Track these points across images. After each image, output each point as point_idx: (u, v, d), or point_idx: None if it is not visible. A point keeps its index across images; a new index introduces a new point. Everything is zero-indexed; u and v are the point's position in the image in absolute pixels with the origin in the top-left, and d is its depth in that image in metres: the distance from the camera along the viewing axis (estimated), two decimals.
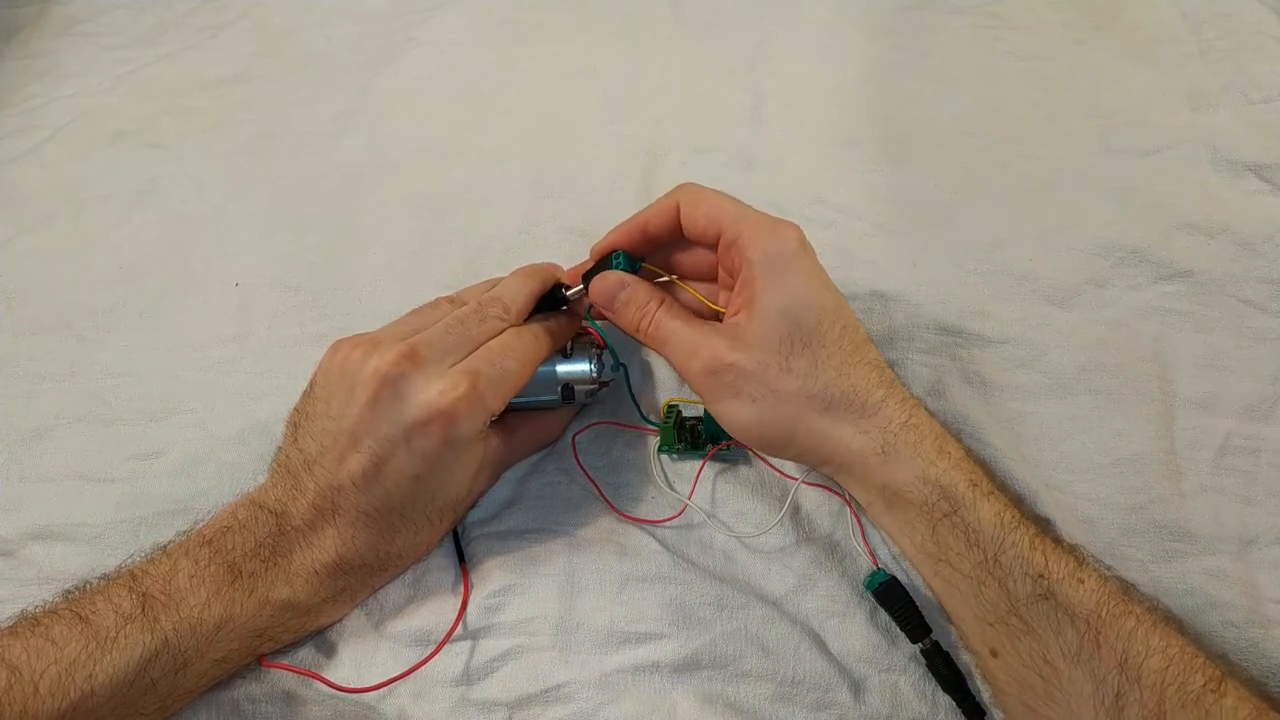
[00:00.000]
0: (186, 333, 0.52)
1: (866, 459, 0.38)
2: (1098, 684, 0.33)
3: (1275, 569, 0.41)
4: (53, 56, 0.69)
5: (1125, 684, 0.33)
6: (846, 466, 0.39)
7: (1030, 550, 0.35)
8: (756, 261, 0.38)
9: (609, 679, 0.39)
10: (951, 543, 0.37)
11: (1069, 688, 0.34)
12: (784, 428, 0.38)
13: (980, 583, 0.36)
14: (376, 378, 0.37)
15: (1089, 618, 0.34)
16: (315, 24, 0.71)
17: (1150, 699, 0.32)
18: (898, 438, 0.38)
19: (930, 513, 0.37)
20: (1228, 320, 0.50)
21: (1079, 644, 0.34)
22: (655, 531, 0.44)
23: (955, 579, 0.37)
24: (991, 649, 0.36)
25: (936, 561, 0.37)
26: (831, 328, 0.38)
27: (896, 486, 0.38)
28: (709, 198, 0.41)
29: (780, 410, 0.38)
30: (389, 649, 0.41)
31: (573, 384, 0.45)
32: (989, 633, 0.36)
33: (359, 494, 0.38)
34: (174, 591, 0.36)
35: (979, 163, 0.58)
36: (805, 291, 0.38)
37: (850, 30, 0.68)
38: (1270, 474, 0.44)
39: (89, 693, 0.33)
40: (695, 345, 0.39)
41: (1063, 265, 0.52)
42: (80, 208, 0.59)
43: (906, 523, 0.38)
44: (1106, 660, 0.33)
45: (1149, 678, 0.33)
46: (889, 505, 0.39)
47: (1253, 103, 0.60)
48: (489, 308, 0.41)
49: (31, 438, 0.48)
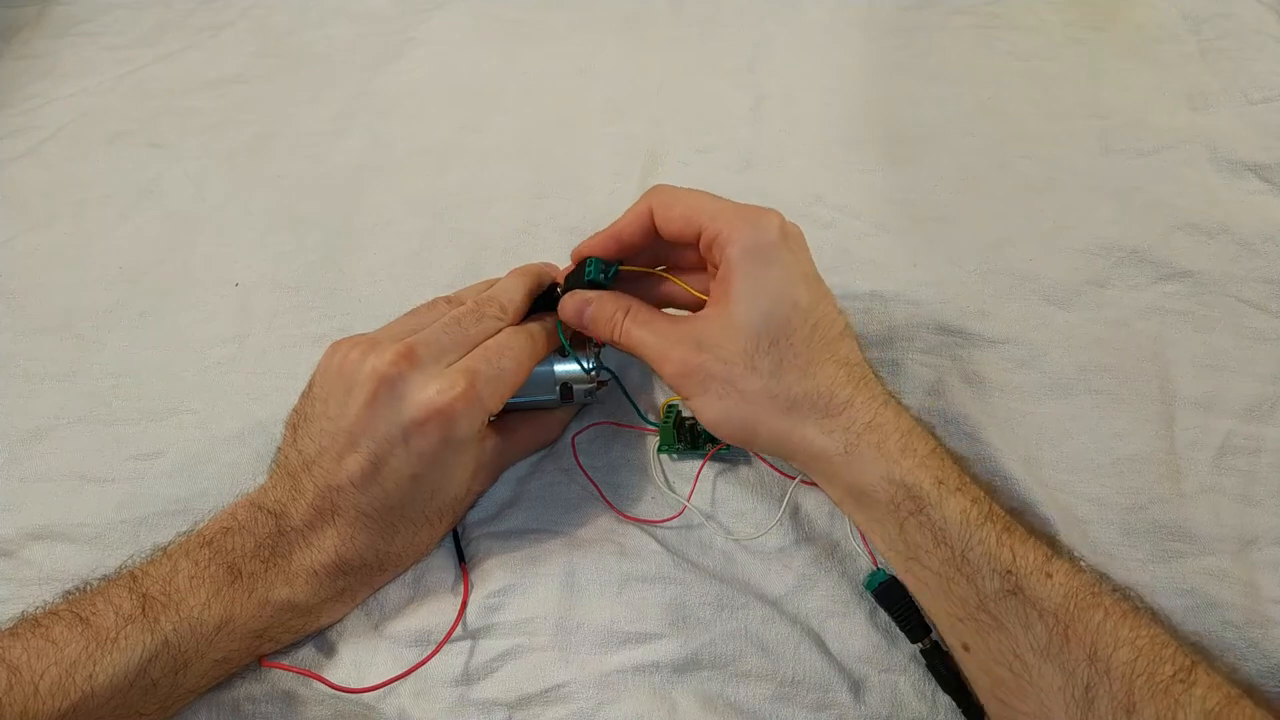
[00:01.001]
0: (187, 333, 0.52)
1: (831, 459, 0.38)
2: (1067, 677, 0.33)
3: (1275, 569, 0.42)
4: (53, 56, 0.69)
5: (1095, 676, 0.33)
6: (811, 465, 0.39)
7: (997, 546, 0.36)
8: (734, 257, 0.38)
9: (609, 679, 0.39)
10: (919, 540, 0.37)
11: (1039, 681, 0.34)
12: (748, 425, 0.39)
13: (949, 579, 0.36)
14: (374, 378, 0.37)
15: (1057, 611, 0.34)
16: (315, 24, 0.71)
17: (1120, 690, 0.32)
18: (861, 438, 0.38)
19: (896, 511, 0.37)
20: (1228, 320, 0.50)
21: (1047, 638, 0.34)
22: (655, 531, 0.44)
23: (925, 576, 0.37)
24: (964, 644, 0.36)
25: (906, 559, 0.38)
26: (802, 325, 0.38)
27: (862, 486, 0.38)
28: (682, 197, 0.40)
29: (744, 409, 0.38)
30: (389, 649, 0.41)
31: (571, 383, 0.45)
32: (960, 628, 0.36)
33: (358, 494, 0.38)
34: (174, 592, 0.36)
35: (979, 163, 0.58)
36: (779, 287, 0.38)
37: (850, 30, 0.68)
38: (1270, 474, 0.44)
39: (89, 693, 0.33)
40: (664, 350, 0.39)
41: (1063, 265, 0.52)
42: (80, 208, 0.59)
43: (875, 520, 0.38)
44: (1075, 653, 0.33)
45: (1118, 669, 0.33)
46: (857, 503, 0.39)
47: (1253, 102, 0.60)
48: (486, 307, 0.41)
49: (31, 438, 0.48)
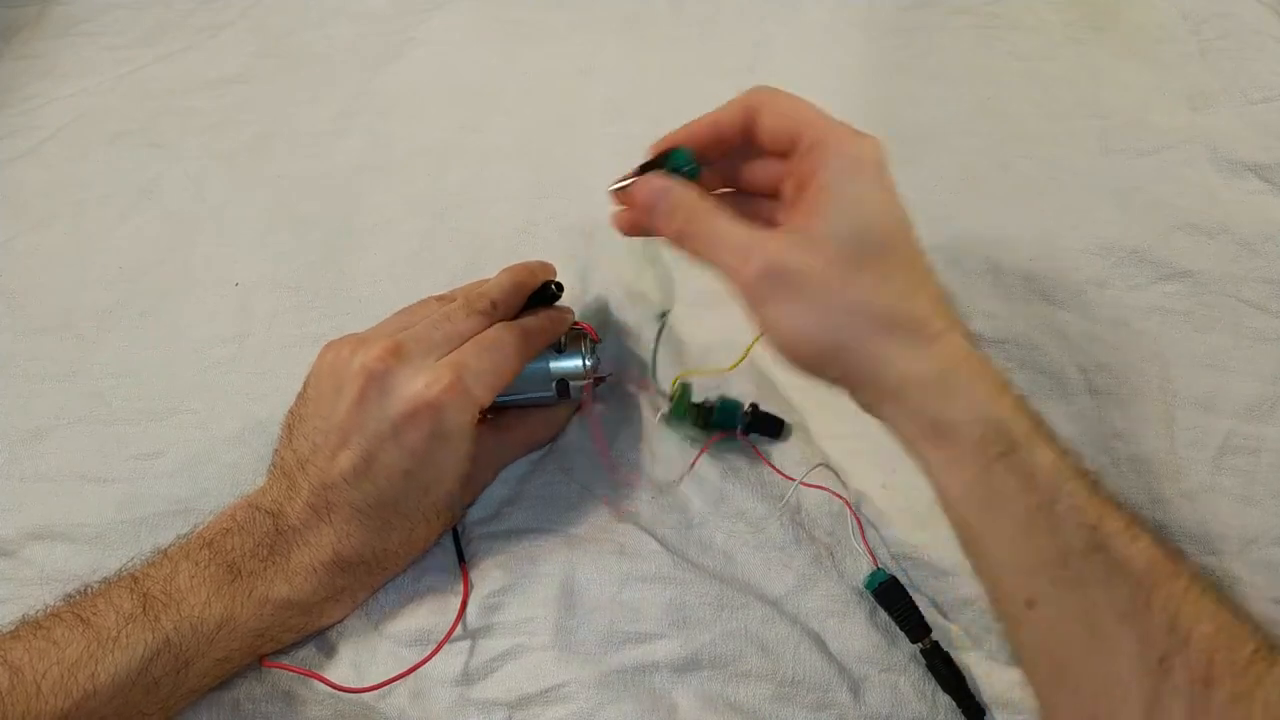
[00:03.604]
0: (187, 333, 0.52)
1: (922, 386, 0.35)
2: (1144, 644, 0.31)
3: (1275, 569, 0.42)
4: (53, 56, 0.69)
5: (1173, 646, 0.31)
6: (895, 393, 0.35)
7: (1087, 501, 0.33)
8: (835, 167, 0.35)
9: (609, 679, 0.39)
10: (1005, 485, 0.34)
11: (1112, 645, 0.32)
12: (835, 341, 0.35)
13: (1031, 528, 0.33)
14: (363, 374, 0.38)
15: (1141, 576, 0.32)
16: (315, 24, 0.71)
17: (1198, 664, 0.30)
18: (957, 370, 0.34)
19: (984, 452, 0.34)
20: (1228, 320, 0.50)
21: (1129, 601, 0.32)
22: (655, 531, 0.44)
23: (1002, 524, 0.34)
24: (1029, 599, 0.34)
25: (983, 504, 0.34)
26: (905, 246, 0.36)
27: (949, 420, 0.34)
28: (787, 99, 0.38)
29: (836, 321, 0.34)
30: (389, 649, 0.41)
31: (567, 379, 0.45)
32: (1030, 582, 0.34)
33: (351, 490, 0.38)
34: (174, 591, 0.36)
35: (979, 163, 0.58)
36: (881, 206, 0.36)
37: (850, 30, 0.68)
38: (1270, 474, 0.44)
39: (91, 692, 0.33)
40: (750, 246, 0.35)
41: (1063, 265, 0.52)
42: (80, 208, 0.59)
43: (954, 460, 0.35)
44: (1156, 620, 0.31)
45: (1198, 642, 0.31)
46: (937, 439, 0.35)
47: (1253, 102, 0.60)
48: (476, 303, 0.42)
49: (32, 438, 0.48)
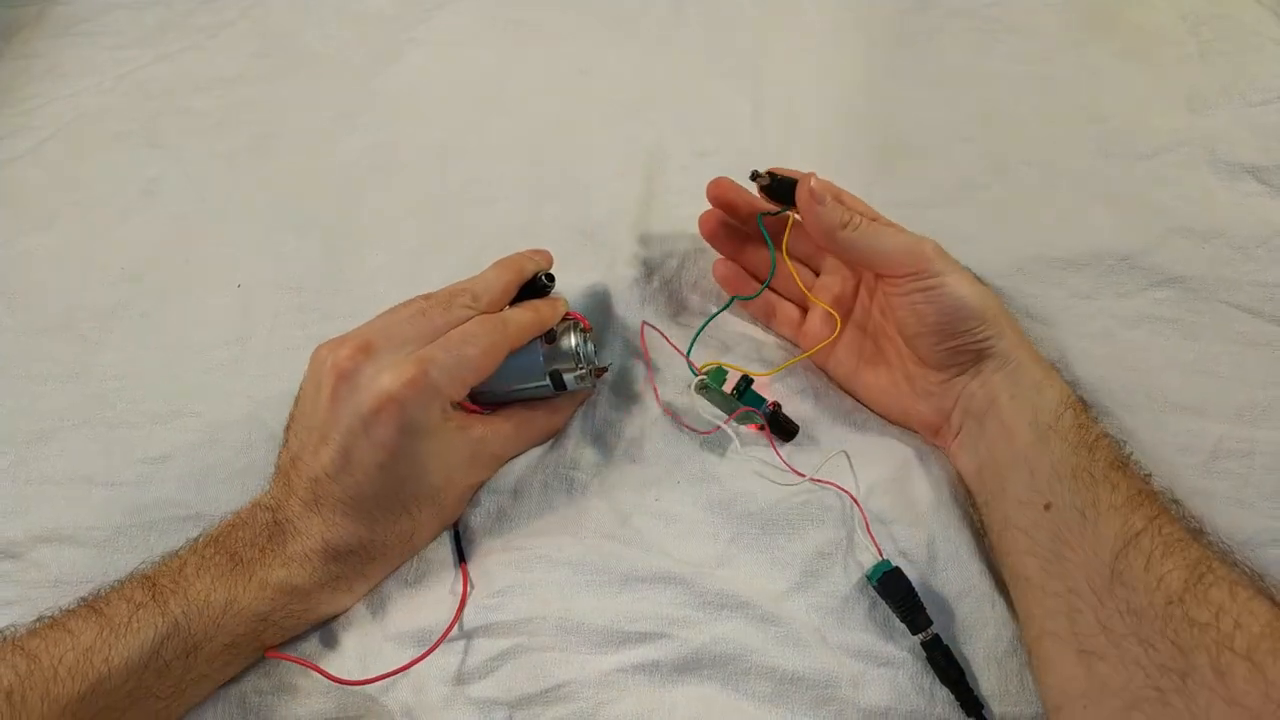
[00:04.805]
0: (189, 334, 0.53)
1: (1042, 364, 0.43)
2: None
3: (1269, 571, 0.42)
4: (53, 56, 0.69)
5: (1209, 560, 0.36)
6: (1019, 370, 0.42)
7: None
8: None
9: (609, 678, 0.39)
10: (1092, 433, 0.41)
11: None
12: (992, 308, 0.43)
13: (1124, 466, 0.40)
14: (335, 373, 0.39)
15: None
16: (315, 24, 0.71)
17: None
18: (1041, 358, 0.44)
19: (1066, 401, 0.42)
20: (1218, 326, 0.50)
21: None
22: (655, 530, 0.44)
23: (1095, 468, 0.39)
24: (1047, 503, 0.39)
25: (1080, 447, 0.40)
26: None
27: (1060, 397, 0.42)
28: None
29: (992, 297, 0.43)
30: (391, 647, 0.41)
31: (560, 370, 0.44)
32: (1056, 488, 0.39)
33: (334, 484, 0.39)
34: (181, 580, 0.38)
35: (978, 166, 0.59)
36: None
37: (850, 33, 0.68)
38: (1264, 476, 0.45)
39: (106, 674, 0.35)
40: (913, 235, 0.44)
41: (1059, 270, 0.52)
42: (80, 208, 0.59)
43: (1058, 426, 0.41)
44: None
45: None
46: (1037, 399, 0.42)
47: (1251, 105, 0.60)
48: (456, 297, 0.42)
49: (36, 440, 0.48)
